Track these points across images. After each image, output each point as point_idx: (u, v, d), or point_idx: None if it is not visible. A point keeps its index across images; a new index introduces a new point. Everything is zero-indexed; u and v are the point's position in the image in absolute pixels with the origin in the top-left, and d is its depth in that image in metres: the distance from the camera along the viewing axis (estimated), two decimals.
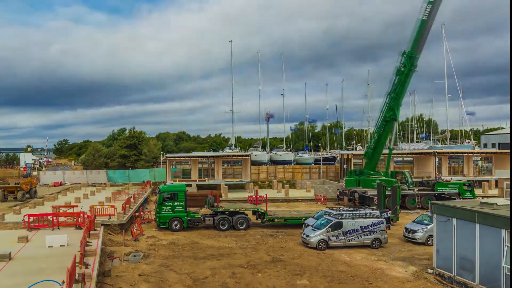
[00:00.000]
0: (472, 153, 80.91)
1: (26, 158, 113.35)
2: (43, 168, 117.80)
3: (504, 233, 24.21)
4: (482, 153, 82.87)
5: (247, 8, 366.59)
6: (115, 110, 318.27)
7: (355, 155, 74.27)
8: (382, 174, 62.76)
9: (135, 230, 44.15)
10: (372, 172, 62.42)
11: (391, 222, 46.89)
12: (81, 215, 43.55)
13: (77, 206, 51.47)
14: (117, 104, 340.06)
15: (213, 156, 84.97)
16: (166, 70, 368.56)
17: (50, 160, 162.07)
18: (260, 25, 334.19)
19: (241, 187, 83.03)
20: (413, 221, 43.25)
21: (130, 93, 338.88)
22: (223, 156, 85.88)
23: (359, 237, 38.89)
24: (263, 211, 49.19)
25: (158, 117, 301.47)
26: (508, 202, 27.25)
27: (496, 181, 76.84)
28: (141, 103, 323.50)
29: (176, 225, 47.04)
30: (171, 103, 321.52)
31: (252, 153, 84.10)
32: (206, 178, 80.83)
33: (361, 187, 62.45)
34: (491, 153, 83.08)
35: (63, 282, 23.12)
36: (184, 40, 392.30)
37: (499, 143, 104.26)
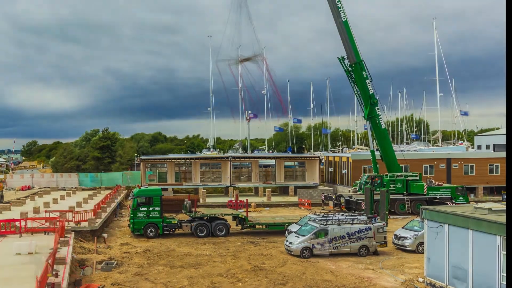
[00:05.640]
0: None
1: None
2: (10, 171, 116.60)
3: (500, 240, 24.14)
4: None
5: None
6: None
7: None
8: None
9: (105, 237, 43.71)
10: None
11: None
12: (56, 220, 43.01)
13: (47, 211, 50.82)
14: None
15: (191, 158, 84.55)
16: None
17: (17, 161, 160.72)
18: None
19: (220, 191, 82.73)
20: (403, 227, 43.24)
21: None
22: (201, 158, 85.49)
23: (346, 244, 38.73)
24: (243, 217, 48.93)
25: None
26: (504, 207, 27.18)
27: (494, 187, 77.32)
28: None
29: (151, 231, 46.58)
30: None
31: (231, 155, 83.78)
32: (184, 182, 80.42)
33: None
34: None
35: None
36: None
37: (494, 145, 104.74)
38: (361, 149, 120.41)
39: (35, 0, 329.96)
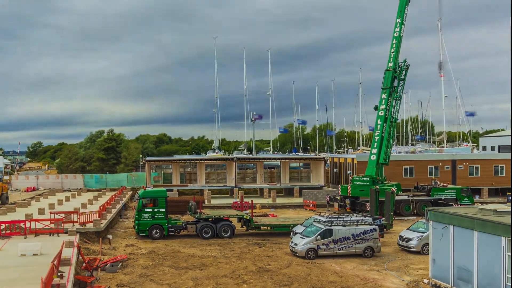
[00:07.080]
0: None
1: None
2: (15, 172, 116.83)
3: (505, 241, 24.15)
4: None
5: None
6: None
7: None
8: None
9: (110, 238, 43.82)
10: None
11: (385, 229, 46.82)
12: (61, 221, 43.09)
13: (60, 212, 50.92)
14: None
15: (196, 160, 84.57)
16: None
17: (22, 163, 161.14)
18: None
19: (225, 192, 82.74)
20: (408, 229, 43.16)
21: None
22: (206, 159, 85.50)
23: (351, 245, 38.74)
24: (248, 218, 48.93)
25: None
26: (509, 209, 27.20)
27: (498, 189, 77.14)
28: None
29: (156, 232, 46.67)
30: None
31: (236, 156, 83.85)
32: (188, 183, 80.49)
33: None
34: None
35: None
36: None
37: (499, 146, 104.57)
38: (366, 150, 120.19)
39: None
